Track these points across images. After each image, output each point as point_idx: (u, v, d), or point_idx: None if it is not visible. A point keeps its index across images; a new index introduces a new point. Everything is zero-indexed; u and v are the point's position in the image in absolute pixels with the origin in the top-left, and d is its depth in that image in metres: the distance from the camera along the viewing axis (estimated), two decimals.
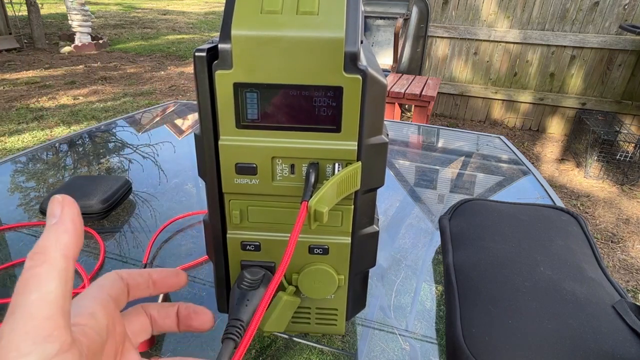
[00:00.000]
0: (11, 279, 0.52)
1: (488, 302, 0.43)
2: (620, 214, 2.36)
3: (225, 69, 0.28)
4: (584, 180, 2.74)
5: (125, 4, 11.26)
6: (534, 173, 0.86)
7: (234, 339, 0.26)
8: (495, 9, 3.30)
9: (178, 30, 7.90)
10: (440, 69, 3.62)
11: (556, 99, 3.39)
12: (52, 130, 3.13)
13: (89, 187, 0.66)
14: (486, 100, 3.61)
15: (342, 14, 0.28)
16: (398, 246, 0.61)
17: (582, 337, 0.38)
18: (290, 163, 0.31)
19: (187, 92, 4.28)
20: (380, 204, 0.72)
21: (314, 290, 0.36)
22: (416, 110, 2.81)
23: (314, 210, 0.28)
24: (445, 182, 0.83)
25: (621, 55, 3.12)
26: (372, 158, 0.32)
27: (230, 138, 0.30)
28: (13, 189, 0.74)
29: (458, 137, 1.10)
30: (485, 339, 0.39)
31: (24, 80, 4.29)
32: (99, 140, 0.98)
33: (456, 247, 0.54)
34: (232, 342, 0.26)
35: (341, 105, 0.29)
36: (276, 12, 0.28)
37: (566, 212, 0.60)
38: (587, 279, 0.46)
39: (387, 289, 0.52)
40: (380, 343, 0.44)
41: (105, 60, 5.36)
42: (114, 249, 0.58)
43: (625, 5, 3.00)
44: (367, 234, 0.36)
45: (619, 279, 1.84)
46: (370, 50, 0.38)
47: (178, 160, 0.87)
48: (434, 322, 0.48)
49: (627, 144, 2.85)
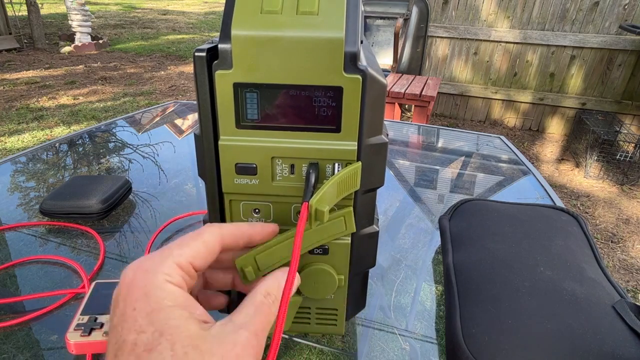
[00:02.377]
0: (11, 279, 0.52)
1: (488, 302, 0.43)
2: (620, 214, 2.36)
3: (225, 69, 0.28)
4: (583, 180, 2.74)
5: (125, 4, 11.26)
6: (534, 173, 0.86)
7: None
8: (495, 9, 3.30)
9: (178, 30, 7.90)
10: (440, 69, 3.62)
11: (556, 99, 3.39)
12: (52, 130, 3.13)
13: (89, 187, 0.66)
14: (486, 100, 3.61)
15: (342, 14, 0.28)
16: (398, 246, 0.61)
17: (582, 337, 0.38)
18: (290, 163, 0.31)
19: (187, 92, 4.28)
20: (380, 204, 0.72)
21: (314, 290, 0.36)
22: (416, 110, 2.81)
23: (314, 210, 0.28)
24: (445, 182, 0.83)
25: (621, 55, 3.12)
26: (372, 158, 0.32)
27: (230, 138, 0.30)
28: (13, 189, 0.74)
29: (458, 137, 1.10)
30: (485, 339, 0.39)
31: (24, 80, 4.28)
32: (99, 140, 0.98)
33: (456, 247, 0.54)
34: None
35: (341, 105, 0.29)
36: (276, 12, 0.28)
37: (566, 212, 0.60)
38: (587, 279, 0.46)
39: (387, 289, 0.52)
40: (380, 343, 0.44)
41: (105, 60, 5.36)
42: (114, 249, 0.58)
43: (625, 5, 3.00)
44: (367, 234, 0.36)
45: (619, 279, 1.84)
46: (370, 50, 0.38)
47: (178, 160, 0.87)
48: (434, 322, 0.48)
49: (627, 144, 2.85)
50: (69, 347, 0.39)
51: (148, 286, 0.22)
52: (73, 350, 0.40)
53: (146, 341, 0.20)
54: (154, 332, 0.21)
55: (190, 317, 0.22)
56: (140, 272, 0.23)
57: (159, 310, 0.21)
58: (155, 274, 0.22)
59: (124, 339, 0.21)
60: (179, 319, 0.22)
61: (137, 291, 0.22)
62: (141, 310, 0.21)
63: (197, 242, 0.25)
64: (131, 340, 0.21)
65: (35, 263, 0.55)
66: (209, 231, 0.26)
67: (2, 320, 0.45)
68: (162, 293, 0.22)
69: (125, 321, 0.21)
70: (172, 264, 0.23)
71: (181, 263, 0.24)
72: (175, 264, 0.23)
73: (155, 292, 0.22)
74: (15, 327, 0.45)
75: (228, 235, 0.27)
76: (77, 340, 0.39)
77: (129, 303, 0.22)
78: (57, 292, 0.49)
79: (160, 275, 0.23)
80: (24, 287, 0.51)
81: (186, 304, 0.23)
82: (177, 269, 0.23)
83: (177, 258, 0.24)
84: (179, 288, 0.23)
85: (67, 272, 0.53)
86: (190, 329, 0.22)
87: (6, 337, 0.43)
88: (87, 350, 0.40)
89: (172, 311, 0.22)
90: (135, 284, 0.22)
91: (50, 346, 0.43)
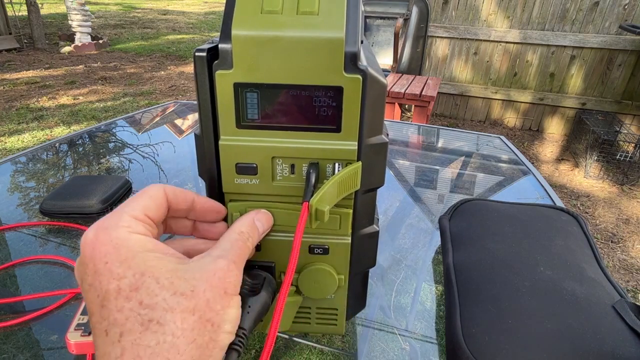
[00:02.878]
0: (11, 279, 0.52)
1: (488, 302, 0.43)
2: (620, 214, 2.36)
3: (225, 69, 0.28)
4: (583, 180, 2.74)
5: (125, 4, 11.26)
6: (534, 173, 0.86)
7: (237, 349, 0.25)
8: (495, 9, 3.30)
9: (178, 30, 7.90)
10: (440, 69, 3.62)
11: (556, 99, 3.39)
12: (52, 130, 3.13)
13: (89, 187, 0.66)
14: (486, 100, 3.61)
15: (343, 14, 0.28)
16: (398, 246, 0.61)
17: (582, 337, 0.38)
18: (290, 163, 0.31)
19: (187, 92, 4.28)
20: (380, 204, 0.72)
21: (314, 290, 0.36)
22: (416, 110, 2.81)
23: (315, 210, 0.28)
24: (445, 182, 0.83)
25: (621, 55, 3.12)
26: (372, 158, 0.32)
27: (230, 138, 0.30)
28: (13, 189, 0.74)
29: (458, 137, 1.10)
30: (485, 339, 0.39)
31: (24, 80, 4.28)
32: (99, 140, 0.98)
33: (456, 247, 0.54)
34: (235, 353, 0.25)
35: (341, 105, 0.29)
36: (276, 12, 0.28)
37: (566, 212, 0.60)
38: (587, 279, 0.46)
39: (387, 289, 0.52)
40: (380, 343, 0.44)
41: (105, 60, 5.36)
42: None
43: (625, 5, 3.00)
44: (367, 234, 0.36)
45: (619, 279, 1.84)
46: (370, 50, 0.38)
47: (178, 160, 0.87)
48: (434, 322, 0.48)
49: (627, 144, 2.85)
50: (69, 347, 0.39)
51: (114, 240, 0.22)
52: (73, 350, 0.40)
53: (129, 283, 0.21)
54: (135, 274, 0.21)
55: (165, 257, 0.23)
56: (101, 230, 0.23)
57: (132, 257, 0.22)
58: (116, 228, 0.23)
59: (106, 289, 0.21)
60: (154, 260, 0.22)
61: (103, 247, 0.22)
62: (114, 261, 0.22)
63: (144, 197, 0.26)
64: (113, 287, 0.21)
65: (35, 263, 0.55)
66: (152, 187, 0.27)
67: (2, 320, 0.45)
68: (130, 242, 0.23)
69: (100, 274, 0.21)
70: (129, 217, 0.24)
71: (137, 215, 0.24)
72: (131, 217, 0.24)
73: (123, 242, 0.22)
74: (15, 327, 0.45)
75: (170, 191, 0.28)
76: (77, 340, 0.39)
77: (99, 259, 0.22)
78: (57, 292, 0.49)
79: (122, 228, 0.23)
80: (24, 287, 0.51)
81: (156, 247, 0.23)
82: (134, 220, 0.24)
83: (131, 212, 0.24)
84: (144, 236, 0.24)
85: (67, 272, 0.53)
86: (169, 265, 0.23)
87: (6, 337, 0.43)
88: (87, 350, 0.40)
89: (145, 255, 0.22)
90: (100, 242, 0.22)
91: (50, 346, 0.43)
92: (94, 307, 0.21)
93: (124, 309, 0.21)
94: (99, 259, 0.22)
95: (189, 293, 0.22)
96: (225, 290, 0.23)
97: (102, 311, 0.21)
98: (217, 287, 0.23)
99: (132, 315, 0.21)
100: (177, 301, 0.21)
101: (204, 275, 0.23)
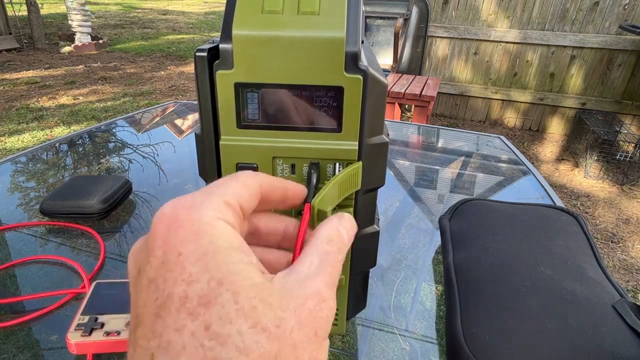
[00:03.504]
0: (11, 279, 0.52)
1: (488, 301, 0.43)
2: (620, 214, 2.36)
3: (226, 68, 0.28)
4: (583, 180, 2.74)
5: (125, 4, 11.26)
6: (534, 173, 0.86)
7: None
8: (495, 9, 3.30)
9: (178, 30, 7.90)
10: (440, 69, 3.62)
11: (556, 99, 3.39)
12: (52, 130, 3.13)
13: (89, 187, 0.66)
14: (486, 100, 3.61)
15: (343, 14, 0.28)
16: (398, 246, 0.61)
17: (582, 336, 0.38)
18: (291, 163, 0.31)
19: (187, 92, 4.28)
20: (380, 204, 0.72)
21: None
22: (416, 110, 2.81)
23: (317, 211, 0.28)
24: (445, 182, 0.83)
25: (621, 55, 3.12)
26: (373, 158, 0.32)
27: (231, 138, 0.30)
28: (13, 189, 0.74)
29: (458, 137, 1.10)
30: (485, 338, 0.39)
31: (24, 80, 4.28)
32: (99, 140, 0.98)
33: (456, 247, 0.54)
34: None
35: (342, 105, 0.29)
36: (277, 12, 0.28)
37: (566, 212, 0.60)
38: (587, 278, 0.46)
39: (387, 289, 0.52)
40: (380, 343, 0.44)
41: (105, 60, 5.36)
42: (114, 249, 0.58)
43: (625, 5, 3.00)
44: (367, 234, 0.36)
45: (619, 279, 1.84)
46: (370, 50, 0.38)
47: (178, 160, 0.87)
48: (434, 322, 0.48)
49: (627, 144, 2.85)
50: (70, 347, 0.39)
51: (196, 224, 0.17)
52: (74, 350, 0.40)
53: (200, 292, 0.16)
54: (210, 280, 0.16)
55: (251, 263, 0.17)
56: (182, 208, 0.17)
57: (214, 253, 0.16)
58: (202, 210, 0.17)
59: (169, 293, 0.16)
60: (239, 263, 0.17)
61: (182, 231, 0.17)
62: (190, 254, 0.16)
63: (237, 182, 0.20)
64: (179, 293, 0.16)
65: (36, 263, 0.55)
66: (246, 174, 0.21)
67: (2, 320, 0.45)
68: (215, 231, 0.17)
69: (168, 270, 0.16)
70: (220, 200, 0.18)
71: (229, 201, 0.19)
72: (222, 201, 0.18)
73: (206, 229, 0.17)
74: (15, 327, 0.45)
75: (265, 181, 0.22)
76: (77, 340, 0.39)
77: (172, 247, 0.16)
78: (58, 292, 0.49)
79: (209, 211, 0.17)
80: (24, 287, 0.51)
81: (243, 247, 0.18)
82: (225, 206, 0.18)
83: (222, 196, 0.19)
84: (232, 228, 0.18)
85: (68, 272, 0.53)
86: (254, 277, 0.17)
87: (6, 337, 0.43)
88: (87, 350, 0.40)
89: (229, 254, 0.17)
90: (178, 223, 0.17)
91: (50, 346, 0.43)
92: (145, 314, 0.16)
93: (184, 331, 0.15)
94: (172, 247, 0.16)
95: (274, 330, 0.16)
96: (316, 332, 0.17)
97: (156, 323, 0.16)
98: (307, 326, 0.17)
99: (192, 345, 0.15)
100: (256, 341, 0.15)
101: (291, 304, 0.17)
